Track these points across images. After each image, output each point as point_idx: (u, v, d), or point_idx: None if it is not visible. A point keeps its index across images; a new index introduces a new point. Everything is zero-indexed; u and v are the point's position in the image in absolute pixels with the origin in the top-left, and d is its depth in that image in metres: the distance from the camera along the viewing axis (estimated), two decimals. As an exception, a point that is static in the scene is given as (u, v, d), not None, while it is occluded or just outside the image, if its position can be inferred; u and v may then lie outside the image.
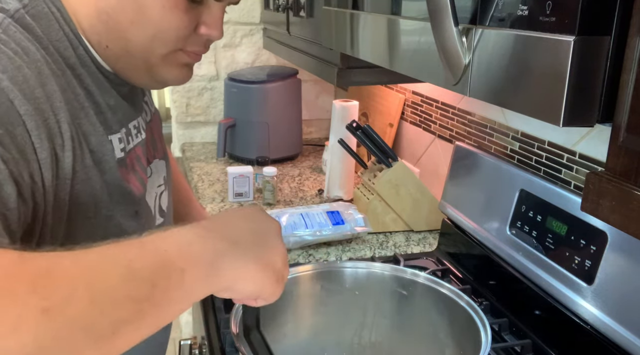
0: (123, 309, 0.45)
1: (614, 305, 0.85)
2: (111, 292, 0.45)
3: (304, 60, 1.52)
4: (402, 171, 1.42)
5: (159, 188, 0.83)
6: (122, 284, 0.46)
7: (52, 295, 0.41)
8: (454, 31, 0.61)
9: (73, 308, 0.42)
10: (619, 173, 0.48)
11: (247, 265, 0.57)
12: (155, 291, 0.47)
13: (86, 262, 0.46)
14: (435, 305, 0.94)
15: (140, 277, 0.47)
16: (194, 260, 0.51)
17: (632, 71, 0.45)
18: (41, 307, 0.41)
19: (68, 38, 0.64)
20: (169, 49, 0.69)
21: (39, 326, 0.40)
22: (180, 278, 0.50)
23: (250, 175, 1.67)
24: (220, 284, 0.54)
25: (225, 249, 0.55)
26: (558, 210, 0.97)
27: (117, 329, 0.45)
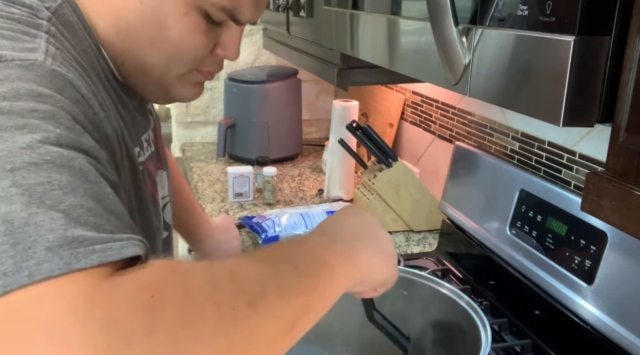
0: (300, 301, 0.50)
1: (614, 305, 0.85)
2: (291, 286, 0.50)
3: (304, 60, 1.52)
4: (402, 171, 1.42)
5: (164, 200, 0.82)
6: (295, 279, 0.51)
7: (250, 290, 0.46)
8: (454, 31, 0.61)
9: (269, 301, 0.46)
10: (619, 173, 0.48)
11: (376, 256, 0.64)
12: (319, 284, 0.53)
13: (262, 261, 0.51)
14: (435, 305, 0.94)
15: (306, 272, 0.53)
16: (338, 255, 0.58)
17: (632, 71, 0.45)
18: (246, 301, 0.45)
19: (91, 49, 0.63)
20: (185, 69, 0.68)
21: (248, 319, 0.44)
22: (331, 272, 0.56)
23: (250, 175, 1.67)
24: (358, 276, 0.61)
25: (356, 245, 0.62)
26: (558, 210, 0.97)
27: (297, 319, 0.49)
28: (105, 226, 0.43)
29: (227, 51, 0.69)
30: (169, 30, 0.63)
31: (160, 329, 0.39)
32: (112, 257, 0.41)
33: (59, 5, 0.59)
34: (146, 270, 0.43)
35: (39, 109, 0.46)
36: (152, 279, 0.42)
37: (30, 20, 0.54)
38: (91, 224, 0.42)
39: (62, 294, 0.38)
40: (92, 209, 0.43)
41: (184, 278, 0.44)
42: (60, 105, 0.49)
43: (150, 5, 0.62)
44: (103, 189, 0.47)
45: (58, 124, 0.47)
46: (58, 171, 0.43)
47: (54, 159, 0.44)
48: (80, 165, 0.46)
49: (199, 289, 0.43)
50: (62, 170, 0.44)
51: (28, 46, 0.51)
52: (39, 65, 0.50)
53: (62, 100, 0.49)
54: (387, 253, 0.67)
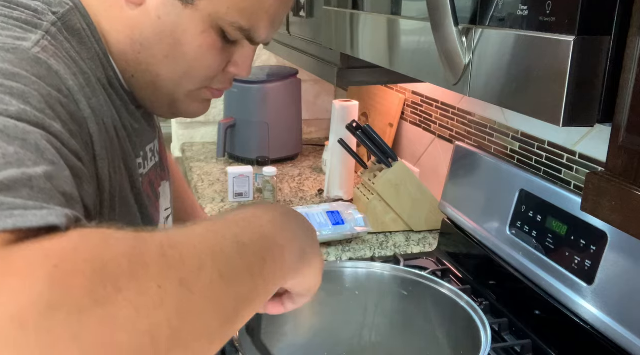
0: (243, 283, 0.44)
1: (614, 305, 0.85)
2: (231, 264, 0.44)
3: (304, 60, 1.52)
4: (402, 171, 1.42)
5: (166, 212, 0.81)
6: (238, 257, 0.45)
7: (184, 266, 0.40)
8: (454, 31, 0.61)
9: (205, 279, 0.40)
10: (619, 173, 0.48)
11: (318, 257, 0.58)
12: (265, 266, 0.47)
13: (199, 236, 0.44)
14: (435, 305, 0.94)
15: (251, 251, 0.46)
16: (289, 238, 0.52)
17: (632, 71, 0.45)
18: (178, 277, 0.39)
19: (99, 57, 0.62)
20: (196, 86, 0.67)
21: (181, 297, 0.38)
22: (281, 254, 0.50)
23: (250, 175, 1.67)
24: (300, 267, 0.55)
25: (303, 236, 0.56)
26: (558, 210, 0.97)
27: (239, 305, 0.43)
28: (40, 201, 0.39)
29: (240, 69, 0.69)
30: (185, 47, 0.63)
31: (64, 303, 0.33)
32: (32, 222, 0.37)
33: (67, 11, 0.58)
34: (58, 237, 0.37)
35: (7, 85, 0.45)
36: (60, 247, 0.36)
37: (30, 20, 0.54)
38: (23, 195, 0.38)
39: None
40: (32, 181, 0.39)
41: (102, 249, 0.37)
42: (35, 87, 0.47)
43: (169, 20, 0.61)
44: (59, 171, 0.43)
45: (25, 103, 0.45)
46: (7, 141, 0.41)
47: (5, 129, 0.41)
48: (37, 141, 0.43)
49: (117, 263, 0.37)
50: (12, 141, 0.41)
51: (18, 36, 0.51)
52: (23, 50, 0.49)
53: (37, 83, 0.47)
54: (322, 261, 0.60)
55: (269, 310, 0.64)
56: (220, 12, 0.61)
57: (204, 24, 0.62)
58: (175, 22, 0.61)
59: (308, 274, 0.57)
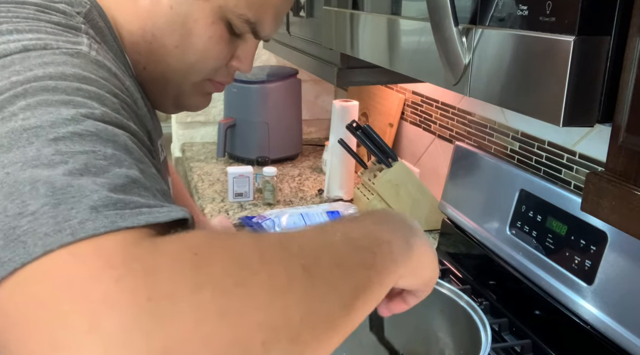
0: (358, 274, 0.46)
1: (614, 305, 0.85)
2: (346, 256, 0.46)
3: (304, 60, 1.52)
4: (402, 171, 1.42)
5: None
6: (351, 251, 0.47)
7: (303, 254, 0.42)
8: (454, 31, 0.61)
9: (324, 266, 0.43)
10: (619, 173, 0.48)
11: (428, 248, 0.59)
12: (376, 259, 0.48)
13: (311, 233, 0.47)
14: (435, 305, 0.94)
15: (362, 246, 0.48)
16: (394, 233, 0.53)
17: (632, 71, 0.45)
18: (300, 264, 0.41)
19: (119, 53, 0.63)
20: (202, 77, 0.69)
21: (305, 284, 0.40)
22: (389, 249, 0.51)
23: (250, 175, 1.67)
24: (412, 262, 0.55)
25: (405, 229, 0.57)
26: (558, 210, 0.97)
27: (357, 295, 0.45)
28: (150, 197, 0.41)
29: (242, 64, 0.71)
30: (195, 38, 0.65)
31: (208, 284, 0.36)
32: (160, 218, 0.39)
33: (88, 10, 0.59)
34: (190, 233, 0.40)
35: (84, 88, 0.46)
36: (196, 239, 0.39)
37: (69, 23, 0.55)
38: (136, 193, 0.40)
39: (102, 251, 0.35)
40: (137, 180, 0.42)
41: (230, 240, 0.41)
42: (106, 89, 0.48)
43: (181, 10, 0.63)
44: (148, 168, 0.46)
45: (103, 104, 0.46)
46: (103, 143, 0.42)
47: (98, 132, 0.43)
48: (125, 142, 0.45)
49: (246, 251, 0.40)
50: (106, 143, 0.43)
51: (72, 40, 0.52)
52: (84, 54, 0.50)
53: (107, 86, 0.49)
54: (433, 249, 0.61)
55: (393, 309, 0.65)
56: (229, 4, 0.63)
57: (214, 15, 0.63)
58: (187, 12, 0.63)
59: (420, 264, 0.58)
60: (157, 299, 0.34)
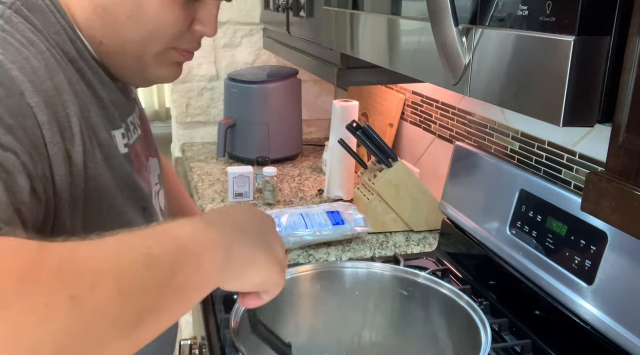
0: (147, 296, 0.44)
1: (614, 305, 0.85)
2: (135, 279, 0.44)
3: (304, 60, 1.52)
4: (402, 171, 1.42)
5: (156, 186, 0.82)
6: (145, 271, 0.44)
7: (79, 282, 0.40)
8: (454, 31, 0.61)
9: (100, 295, 0.40)
10: (619, 173, 0.48)
11: (257, 251, 0.57)
12: (175, 278, 0.47)
13: (107, 249, 0.44)
14: (435, 305, 0.94)
15: (161, 263, 0.46)
16: (209, 245, 0.51)
17: (632, 71, 0.45)
18: (69, 294, 0.39)
19: (65, 31, 0.63)
20: (163, 46, 0.68)
21: (68, 315, 0.38)
22: (197, 264, 0.49)
23: (250, 175, 1.67)
24: (233, 270, 0.54)
25: (236, 235, 0.55)
26: (558, 210, 0.97)
27: (142, 318, 0.43)
28: None
29: (205, 26, 0.70)
30: (146, 6, 0.64)
31: None
32: None
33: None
34: None
35: None
36: None
37: None
38: None
39: None
40: None
41: None
42: None
43: None
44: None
45: None
46: None
47: None
48: None
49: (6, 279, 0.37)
50: None
51: None
52: None
53: None
54: (273, 253, 0.60)
55: (247, 304, 0.63)
56: None
57: None
58: None
59: (244, 272, 0.56)
60: None
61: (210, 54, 2.21)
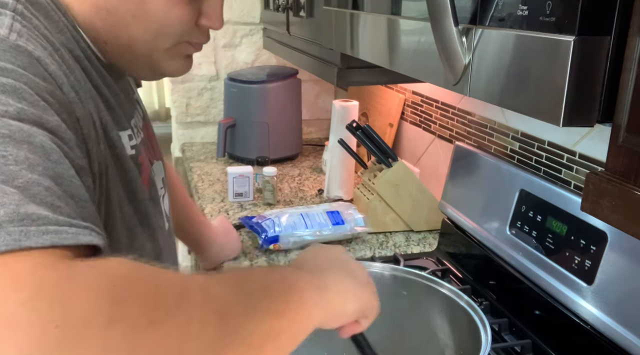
0: (268, 323, 0.48)
1: (614, 305, 0.85)
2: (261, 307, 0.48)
3: (304, 60, 1.52)
4: (402, 171, 1.42)
5: (161, 190, 0.82)
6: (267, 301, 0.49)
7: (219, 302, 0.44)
8: (454, 31, 0.61)
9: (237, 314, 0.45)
10: (619, 173, 0.48)
11: (346, 283, 0.61)
12: (289, 309, 0.51)
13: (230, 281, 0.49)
14: (435, 305, 0.94)
15: (278, 296, 0.51)
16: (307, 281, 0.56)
17: (632, 71, 0.45)
18: (216, 310, 0.43)
19: (68, 30, 0.61)
20: (173, 42, 0.68)
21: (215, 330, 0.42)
22: (301, 297, 0.53)
23: (250, 175, 1.67)
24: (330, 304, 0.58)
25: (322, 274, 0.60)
26: (558, 210, 0.97)
27: (264, 344, 0.47)
28: (63, 208, 0.41)
29: (211, 20, 0.69)
30: (149, 5, 0.63)
31: (123, 319, 0.35)
32: (66, 241, 0.38)
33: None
34: (111, 260, 0.40)
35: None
36: (117, 270, 0.39)
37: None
38: (47, 204, 0.40)
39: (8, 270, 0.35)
40: (50, 188, 0.41)
41: (153, 276, 0.41)
42: (24, 80, 0.47)
43: None
44: (66, 171, 0.45)
45: (20, 99, 0.45)
46: (16, 146, 0.41)
47: (12, 133, 0.42)
48: (42, 142, 0.44)
49: (167, 289, 0.40)
50: (20, 146, 0.42)
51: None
52: (2, 39, 0.49)
53: (25, 76, 0.47)
54: (359, 280, 0.64)
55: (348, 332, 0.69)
56: None
57: None
58: None
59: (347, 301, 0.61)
60: (65, 328, 0.33)
61: (210, 54, 2.21)
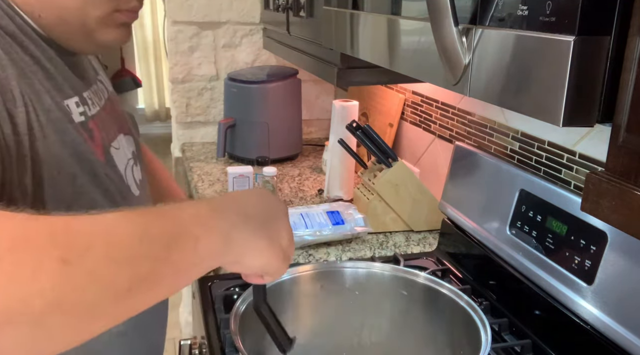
0: (139, 266, 0.47)
1: (614, 305, 0.85)
2: (127, 249, 0.47)
3: (304, 60, 1.52)
4: (402, 171, 1.42)
5: (130, 161, 0.84)
6: (138, 243, 0.48)
7: (71, 247, 0.43)
8: (454, 31, 0.61)
9: (91, 261, 0.44)
10: (619, 173, 0.48)
11: (257, 240, 0.59)
12: (169, 253, 0.49)
13: (103, 221, 0.47)
14: (435, 305, 0.94)
15: (156, 238, 0.49)
16: (208, 229, 0.54)
17: (632, 71, 0.45)
18: (60, 257, 0.42)
19: (1, 8, 0.64)
20: (103, 10, 0.70)
21: (58, 275, 0.42)
22: (194, 244, 0.52)
23: (250, 175, 1.67)
24: (230, 256, 0.57)
25: (238, 222, 0.58)
26: (558, 210, 0.97)
27: (133, 286, 0.46)
28: None
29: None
30: None
31: None
32: None
33: None
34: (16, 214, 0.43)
35: None
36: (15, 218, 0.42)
37: None
38: None
39: None
40: None
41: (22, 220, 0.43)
42: None
43: None
44: None
45: None
46: None
47: None
48: None
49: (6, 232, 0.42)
50: None
51: None
52: None
53: None
54: (275, 241, 0.62)
55: (248, 279, 0.67)
56: None
57: None
58: None
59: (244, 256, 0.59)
60: None
61: (210, 54, 2.21)
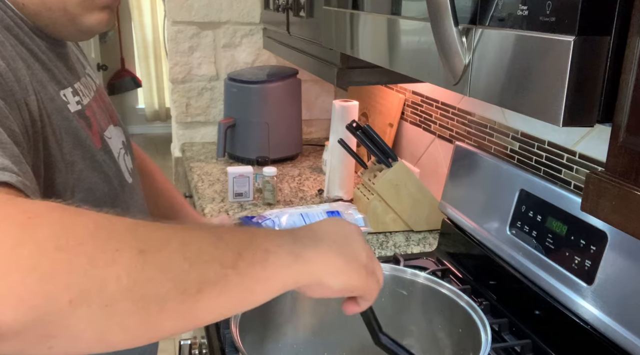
0: (209, 269, 0.48)
1: (614, 305, 0.85)
2: (201, 252, 0.48)
3: (304, 60, 1.52)
4: (402, 171, 1.42)
5: (121, 150, 0.85)
6: (212, 247, 0.49)
7: (150, 241, 0.46)
8: (454, 31, 0.61)
9: (166, 256, 0.46)
10: (619, 173, 0.48)
11: (332, 258, 0.59)
12: (240, 261, 0.50)
13: (181, 227, 0.50)
14: (435, 305, 0.94)
15: (229, 245, 0.51)
16: (278, 245, 0.55)
17: (632, 71, 0.45)
18: (138, 248, 0.44)
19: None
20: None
21: (134, 264, 0.43)
22: (264, 256, 0.52)
23: (250, 175, 1.67)
24: (305, 275, 0.56)
25: (310, 243, 0.58)
26: (558, 210, 0.97)
27: (202, 288, 0.47)
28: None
29: None
30: None
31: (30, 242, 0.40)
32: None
33: None
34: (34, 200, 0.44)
35: None
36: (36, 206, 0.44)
37: None
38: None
39: None
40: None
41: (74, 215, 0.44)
42: None
43: None
44: None
45: None
46: None
47: None
48: None
49: (84, 224, 0.44)
50: None
51: None
52: None
53: None
54: (352, 257, 0.61)
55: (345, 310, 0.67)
56: None
57: None
58: None
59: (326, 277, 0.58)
60: None
61: (210, 54, 2.21)
